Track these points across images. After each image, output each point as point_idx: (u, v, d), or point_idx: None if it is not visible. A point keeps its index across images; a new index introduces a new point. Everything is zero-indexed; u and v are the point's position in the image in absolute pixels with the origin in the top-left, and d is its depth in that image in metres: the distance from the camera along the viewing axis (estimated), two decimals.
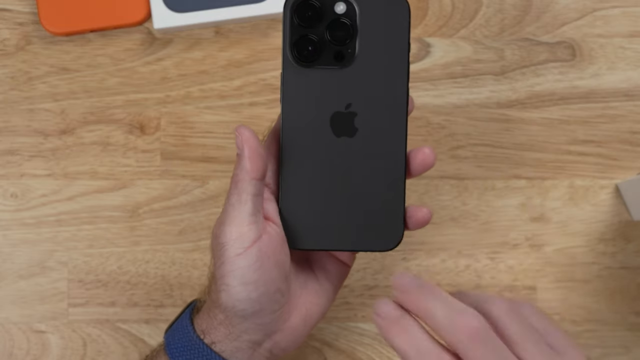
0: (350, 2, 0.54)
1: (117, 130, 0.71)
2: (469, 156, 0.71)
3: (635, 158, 0.71)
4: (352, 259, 0.60)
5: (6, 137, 0.70)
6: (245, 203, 0.53)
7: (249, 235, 0.53)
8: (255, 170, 0.53)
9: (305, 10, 0.54)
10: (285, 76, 0.55)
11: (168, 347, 0.56)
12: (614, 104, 0.71)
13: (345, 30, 0.55)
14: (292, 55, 0.54)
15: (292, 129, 0.55)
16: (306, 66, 0.55)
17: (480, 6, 0.72)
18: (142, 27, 0.71)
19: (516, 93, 0.71)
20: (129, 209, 0.70)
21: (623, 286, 0.71)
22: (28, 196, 0.70)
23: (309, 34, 0.55)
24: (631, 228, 0.71)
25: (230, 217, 0.53)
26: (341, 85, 0.55)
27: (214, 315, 0.55)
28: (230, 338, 0.55)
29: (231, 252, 0.53)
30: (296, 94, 0.55)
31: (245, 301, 0.53)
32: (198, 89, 0.71)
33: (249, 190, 0.53)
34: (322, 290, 0.58)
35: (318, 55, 0.55)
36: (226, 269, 0.53)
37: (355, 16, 0.54)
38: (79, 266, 0.70)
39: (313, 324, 0.58)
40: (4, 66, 0.71)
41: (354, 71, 0.55)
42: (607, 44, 0.72)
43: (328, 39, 0.55)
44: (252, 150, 0.53)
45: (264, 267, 0.53)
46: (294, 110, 0.55)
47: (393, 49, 0.55)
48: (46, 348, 0.69)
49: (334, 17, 0.54)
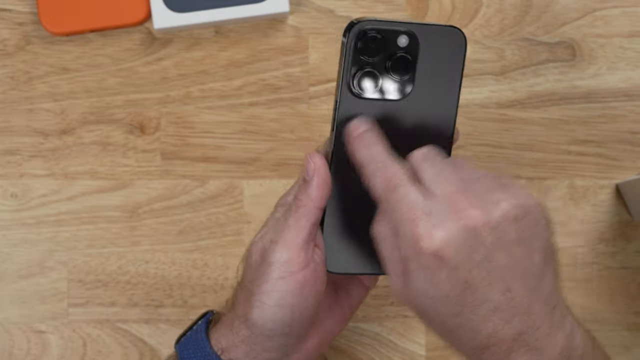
0: (414, 34, 0.53)
1: (117, 130, 0.71)
2: (469, 156, 0.71)
3: (635, 158, 0.71)
4: (375, 282, 0.59)
5: (6, 137, 0.70)
6: (303, 229, 0.53)
7: (298, 261, 0.53)
8: (321, 199, 0.53)
9: (369, 41, 0.53)
10: (341, 105, 0.54)
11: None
12: (613, 104, 0.71)
13: (406, 64, 0.54)
14: (351, 86, 0.53)
15: (341, 157, 0.54)
16: (362, 97, 0.54)
17: (480, 6, 0.72)
18: (142, 27, 0.71)
19: (516, 93, 0.71)
20: (129, 209, 0.70)
21: (623, 286, 0.71)
22: (28, 196, 0.70)
23: (370, 67, 0.54)
24: (631, 228, 0.71)
25: (284, 238, 0.53)
26: (393, 117, 0.54)
27: (237, 330, 0.55)
28: (249, 356, 0.54)
29: (276, 273, 0.53)
30: (349, 122, 0.54)
31: (277, 322, 0.53)
32: (198, 89, 0.71)
33: (310, 218, 0.53)
34: (342, 313, 0.58)
35: (376, 87, 0.54)
36: (266, 288, 0.53)
37: (417, 51, 0.53)
38: (79, 266, 0.70)
39: (327, 345, 0.58)
40: (4, 66, 0.71)
41: (407, 104, 0.54)
42: (607, 44, 0.72)
43: (388, 72, 0.54)
44: (321, 179, 0.53)
45: (303, 294, 0.53)
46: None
47: (447, 83, 0.54)
48: (46, 348, 0.69)
49: (396, 50, 0.53)
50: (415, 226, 0.47)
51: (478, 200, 0.48)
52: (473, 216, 0.47)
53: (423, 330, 0.70)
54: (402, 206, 0.48)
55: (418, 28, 0.53)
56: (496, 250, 0.47)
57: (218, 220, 0.70)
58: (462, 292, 0.47)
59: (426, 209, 0.48)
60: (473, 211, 0.47)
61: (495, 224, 0.48)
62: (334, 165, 0.54)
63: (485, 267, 0.47)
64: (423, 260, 0.47)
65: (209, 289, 0.70)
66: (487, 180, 0.50)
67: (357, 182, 0.53)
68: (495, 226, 0.48)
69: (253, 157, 0.71)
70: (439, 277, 0.47)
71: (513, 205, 0.48)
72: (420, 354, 0.70)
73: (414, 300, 0.49)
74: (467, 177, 0.50)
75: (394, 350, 0.70)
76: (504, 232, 0.48)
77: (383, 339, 0.70)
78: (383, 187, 0.50)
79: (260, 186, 0.70)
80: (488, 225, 0.47)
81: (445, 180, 0.49)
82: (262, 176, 0.70)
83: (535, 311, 0.48)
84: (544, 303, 0.49)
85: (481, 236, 0.47)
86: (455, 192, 0.48)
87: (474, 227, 0.47)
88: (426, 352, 0.70)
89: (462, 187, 0.49)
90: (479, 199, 0.48)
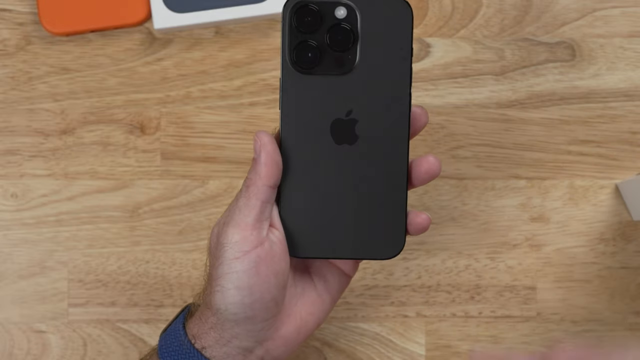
0: (351, 6, 0.53)
1: (117, 130, 0.71)
2: (469, 156, 0.71)
3: (635, 158, 0.71)
4: (354, 270, 0.59)
5: (6, 137, 0.70)
6: (254, 208, 0.53)
7: (250, 240, 0.53)
8: (270, 176, 0.53)
9: (305, 14, 0.53)
10: (284, 82, 0.54)
11: (160, 350, 0.56)
12: (613, 104, 0.71)
13: (345, 35, 0.53)
14: (291, 61, 0.53)
15: (291, 136, 0.54)
16: (306, 72, 0.54)
17: (480, 6, 0.72)
18: (142, 27, 0.71)
19: (516, 93, 0.71)
20: (129, 209, 0.70)
21: (623, 286, 0.71)
22: (28, 196, 0.70)
23: (309, 39, 0.53)
24: (631, 228, 0.71)
25: (235, 220, 0.53)
26: (342, 92, 0.54)
27: (206, 318, 0.55)
28: (220, 343, 0.55)
29: (229, 254, 0.53)
30: (295, 100, 0.54)
31: (237, 305, 0.53)
32: (198, 89, 0.71)
33: (259, 195, 0.53)
34: (320, 300, 0.58)
35: (318, 61, 0.53)
36: (223, 270, 0.53)
37: (356, 21, 0.53)
38: (79, 266, 0.70)
39: (307, 333, 0.57)
40: (4, 66, 0.71)
41: (355, 77, 0.54)
42: (607, 44, 0.72)
43: (328, 45, 0.53)
44: (269, 156, 0.53)
45: (260, 274, 0.53)
46: (293, 116, 0.54)
47: (395, 54, 0.53)
48: (46, 348, 0.69)
49: (334, 22, 0.53)
50: None
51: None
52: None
53: (423, 330, 0.70)
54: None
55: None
56: None
57: None
58: None
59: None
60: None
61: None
62: (284, 144, 0.54)
63: None
64: None
65: None
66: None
67: (311, 161, 0.53)
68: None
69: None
70: None
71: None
72: (420, 353, 0.70)
73: None
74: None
75: (394, 350, 0.70)
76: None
77: (383, 339, 0.70)
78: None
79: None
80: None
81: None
82: None
83: None
84: None
85: None
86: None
87: None
88: (426, 352, 0.70)
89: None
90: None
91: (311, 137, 0.54)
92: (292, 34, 0.53)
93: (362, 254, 0.55)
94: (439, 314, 0.70)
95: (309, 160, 0.54)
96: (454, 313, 0.70)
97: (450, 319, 0.70)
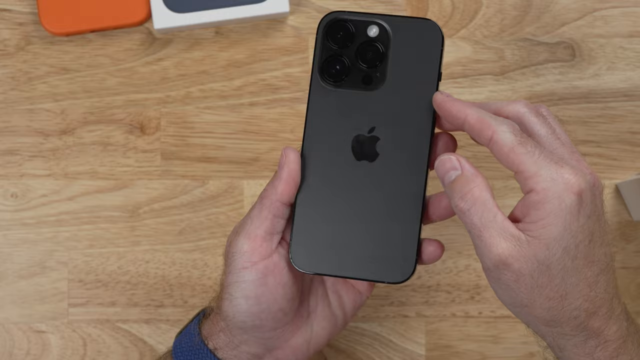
0: (384, 26, 0.54)
1: (117, 130, 0.71)
2: (469, 156, 0.71)
3: (635, 158, 0.71)
4: (370, 290, 0.59)
5: (6, 137, 0.70)
6: (265, 220, 0.53)
7: (259, 251, 0.53)
8: (286, 194, 0.53)
9: (339, 29, 0.54)
10: (312, 94, 0.54)
11: (174, 349, 0.57)
12: (613, 104, 0.71)
13: (375, 53, 0.54)
14: (320, 73, 0.54)
15: (313, 148, 0.54)
16: (333, 86, 0.54)
17: (480, 6, 0.72)
18: (142, 27, 0.71)
19: (516, 93, 0.71)
20: (129, 209, 0.70)
21: (623, 286, 0.71)
22: (28, 196, 0.70)
23: (339, 54, 0.54)
24: (631, 228, 0.71)
25: (246, 230, 0.54)
26: (366, 109, 0.54)
27: (216, 322, 0.56)
28: (230, 346, 0.55)
29: (238, 263, 0.53)
30: (321, 112, 0.54)
31: (244, 314, 0.54)
32: (198, 89, 0.71)
33: (272, 210, 0.53)
34: (332, 316, 0.58)
35: (346, 76, 0.54)
36: (232, 279, 0.54)
37: (387, 41, 0.54)
38: (79, 266, 0.70)
39: (317, 347, 0.58)
40: (4, 66, 0.71)
41: (380, 95, 0.54)
42: (606, 44, 0.72)
43: (357, 61, 0.54)
44: (290, 174, 0.53)
45: (268, 285, 0.53)
46: (316, 129, 0.54)
47: (423, 76, 0.54)
48: (46, 348, 0.69)
49: (366, 40, 0.54)
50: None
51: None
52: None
53: (423, 330, 0.70)
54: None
55: (390, 20, 0.54)
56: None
57: (218, 220, 0.70)
58: (588, 244, 0.48)
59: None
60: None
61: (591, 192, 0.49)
62: (305, 154, 0.54)
63: (598, 227, 0.49)
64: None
65: (209, 289, 0.70)
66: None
67: (329, 175, 0.54)
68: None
69: (253, 157, 0.71)
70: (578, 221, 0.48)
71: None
72: (420, 353, 0.70)
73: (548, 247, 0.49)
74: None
75: (393, 350, 0.70)
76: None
77: (383, 338, 0.70)
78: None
79: (260, 186, 0.70)
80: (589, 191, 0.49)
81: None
82: (262, 176, 0.70)
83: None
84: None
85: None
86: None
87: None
88: (426, 352, 0.70)
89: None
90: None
91: (333, 150, 0.54)
92: (324, 47, 0.54)
93: (370, 275, 0.54)
94: (439, 314, 0.70)
95: (328, 174, 0.54)
96: (454, 313, 0.70)
97: (450, 319, 0.70)
